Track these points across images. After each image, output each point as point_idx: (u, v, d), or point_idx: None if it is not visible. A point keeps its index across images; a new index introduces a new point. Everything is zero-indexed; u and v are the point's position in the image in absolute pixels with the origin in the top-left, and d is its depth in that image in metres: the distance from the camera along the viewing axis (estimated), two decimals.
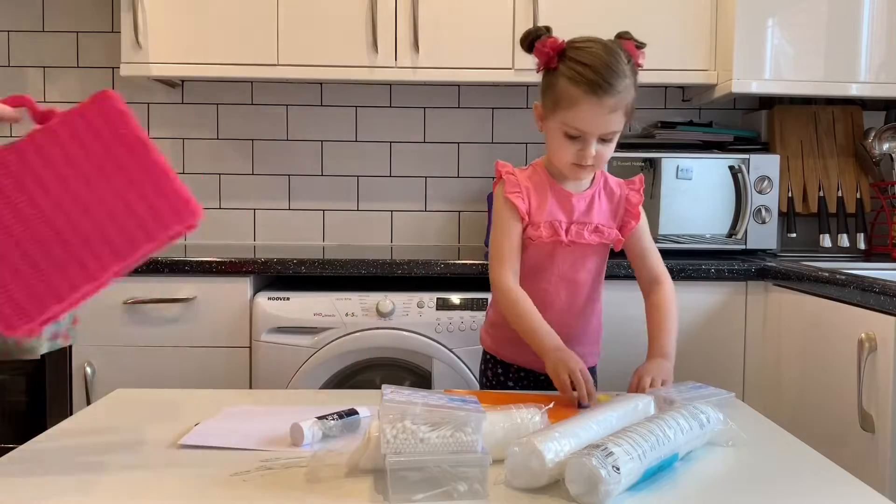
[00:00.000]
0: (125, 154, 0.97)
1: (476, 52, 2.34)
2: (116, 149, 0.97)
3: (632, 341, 2.11)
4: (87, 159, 0.96)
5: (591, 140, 1.36)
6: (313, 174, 2.70)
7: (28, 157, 0.95)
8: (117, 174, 0.96)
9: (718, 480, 0.98)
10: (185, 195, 0.98)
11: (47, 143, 0.96)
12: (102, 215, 0.95)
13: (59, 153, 0.96)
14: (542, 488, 0.90)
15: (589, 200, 1.47)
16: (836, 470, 1.02)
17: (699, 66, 2.37)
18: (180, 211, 0.97)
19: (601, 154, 1.38)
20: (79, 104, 1.01)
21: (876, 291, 1.62)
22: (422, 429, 0.90)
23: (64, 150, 0.96)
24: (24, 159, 0.95)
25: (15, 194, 0.94)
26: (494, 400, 1.13)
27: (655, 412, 1.11)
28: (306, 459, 1.00)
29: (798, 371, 1.95)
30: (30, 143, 0.97)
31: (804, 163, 2.59)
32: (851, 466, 1.04)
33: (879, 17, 2.32)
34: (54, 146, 0.96)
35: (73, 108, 1.00)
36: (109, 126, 0.97)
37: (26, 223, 0.93)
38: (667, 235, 2.31)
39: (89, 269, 0.94)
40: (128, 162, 0.97)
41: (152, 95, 2.66)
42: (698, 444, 1.05)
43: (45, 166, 0.95)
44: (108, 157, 0.96)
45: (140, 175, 0.97)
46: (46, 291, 0.93)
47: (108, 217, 0.95)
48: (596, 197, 1.48)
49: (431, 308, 2.01)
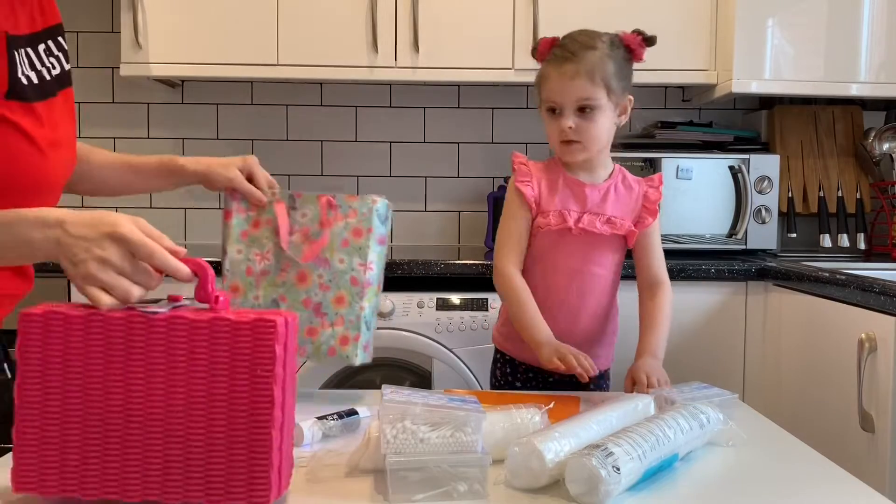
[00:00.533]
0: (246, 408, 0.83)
1: (476, 52, 2.35)
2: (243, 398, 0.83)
3: (633, 343, 2.11)
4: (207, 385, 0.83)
5: (566, 112, 1.41)
6: (313, 174, 2.70)
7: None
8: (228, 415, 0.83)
9: (718, 480, 0.98)
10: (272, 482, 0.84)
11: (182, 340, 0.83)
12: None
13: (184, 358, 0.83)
14: (542, 488, 0.90)
15: (604, 192, 1.47)
16: (836, 470, 1.01)
17: (699, 66, 2.37)
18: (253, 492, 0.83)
19: (582, 128, 1.41)
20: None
21: (876, 291, 1.62)
22: (422, 429, 0.90)
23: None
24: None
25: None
26: (495, 400, 1.13)
27: (655, 412, 1.10)
28: (306, 459, 1.00)
29: (798, 371, 1.95)
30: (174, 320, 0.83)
31: (804, 163, 2.59)
32: (851, 466, 1.04)
33: (879, 17, 2.32)
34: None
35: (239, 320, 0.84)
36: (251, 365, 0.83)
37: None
38: (667, 235, 2.31)
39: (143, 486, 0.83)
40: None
41: (152, 95, 2.66)
42: (698, 445, 1.05)
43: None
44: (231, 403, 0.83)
45: (247, 432, 0.83)
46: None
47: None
48: (611, 189, 1.48)
49: (431, 308, 2.01)
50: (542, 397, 1.18)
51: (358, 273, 1.28)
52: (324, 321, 1.28)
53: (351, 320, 1.27)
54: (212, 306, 0.84)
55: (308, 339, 1.28)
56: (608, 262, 1.49)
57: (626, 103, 1.45)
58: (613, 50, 1.42)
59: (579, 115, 1.40)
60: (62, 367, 0.82)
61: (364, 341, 1.30)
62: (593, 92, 1.39)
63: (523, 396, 1.28)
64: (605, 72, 1.39)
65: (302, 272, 1.29)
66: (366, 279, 1.28)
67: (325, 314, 1.28)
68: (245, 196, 1.34)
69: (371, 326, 1.33)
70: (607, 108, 1.41)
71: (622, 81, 1.42)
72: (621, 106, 1.44)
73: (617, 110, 1.44)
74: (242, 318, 0.83)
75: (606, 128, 1.43)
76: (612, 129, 1.45)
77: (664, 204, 2.29)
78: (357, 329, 1.27)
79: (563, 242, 1.46)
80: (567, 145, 1.43)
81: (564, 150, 1.44)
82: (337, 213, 1.29)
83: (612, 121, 1.44)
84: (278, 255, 1.29)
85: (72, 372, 0.82)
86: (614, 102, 1.42)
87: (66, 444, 0.82)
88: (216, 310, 0.84)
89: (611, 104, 1.41)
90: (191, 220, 2.70)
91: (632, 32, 1.46)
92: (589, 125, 1.41)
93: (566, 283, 1.47)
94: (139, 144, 2.67)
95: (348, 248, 1.28)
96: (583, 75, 1.38)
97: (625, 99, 1.44)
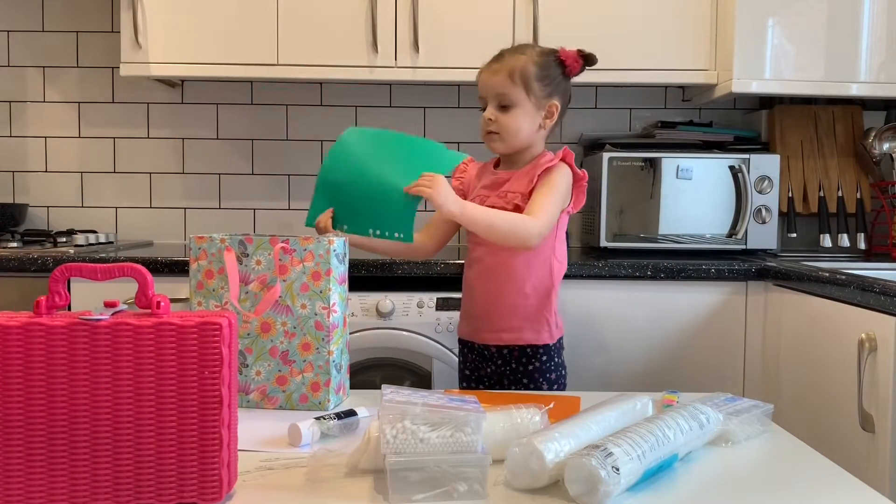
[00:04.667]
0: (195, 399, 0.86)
1: (476, 52, 2.31)
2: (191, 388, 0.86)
3: (633, 342, 2.12)
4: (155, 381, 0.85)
5: (489, 106, 1.61)
6: (313, 174, 2.69)
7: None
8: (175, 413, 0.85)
9: (718, 481, 0.98)
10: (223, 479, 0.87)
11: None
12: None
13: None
14: (542, 488, 0.90)
15: (513, 175, 1.63)
16: (836, 470, 1.01)
17: (699, 66, 2.36)
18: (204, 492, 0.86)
19: (500, 121, 1.60)
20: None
21: (876, 291, 1.62)
22: (422, 429, 0.90)
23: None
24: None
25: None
26: (495, 400, 1.13)
27: (654, 412, 1.10)
28: (306, 459, 1.00)
29: (798, 371, 1.95)
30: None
31: (804, 163, 2.59)
32: (851, 466, 1.04)
33: (879, 17, 2.32)
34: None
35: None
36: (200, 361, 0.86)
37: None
38: (667, 235, 2.31)
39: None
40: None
41: (152, 95, 2.66)
42: (698, 445, 1.05)
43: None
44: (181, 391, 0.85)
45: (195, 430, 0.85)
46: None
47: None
48: (520, 173, 1.62)
49: (431, 308, 2.01)
50: (542, 397, 1.18)
51: (322, 317, 1.27)
52: (292, 369, 1.28)
53: (320, 366, 1.27)
54: (153, 311, 0.86)
55: (278, 388, 1.28)
56: None
57: (552, 108, 1.61)
58: (542, 57, 1.61)
59: (499, 110, 1.59)
60: (1, 379, 0.83)
61: (336, 384, 1.30)
62: (511, 89, 1.58)
63: (523, 396, 1.28)
64: (525, 73, 1.57)
65: (265, 322, 1.27)
66: (330, 323, 1.27)
67: (293, 361, 1.28)
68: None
69: (342, 367, 1.33)
70: (526, 106, 1.58)
71: (546, 86, 1.59)
72: (546, 109, 1.60)
73: (541, 112, 1.60)
74: (188, 322, 0.85)
75: (524, 124, 1.60)
76: (533, 127, 1.61)
77: (664, 204, 2.31)
78: (327, 374, 1.27)
79: None
80: (488, 136, 1.62)
81: (487, 141, 1.63)
82: (292, 257, 1.27)
83: (532, 119, 1.60)
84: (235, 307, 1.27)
85: (12, 382, 0.83)
86: (535, 103, 1.59)
87: (8, 454, 0.83)
88: (158, 314, 0.86)
89: (531, 103, 1.59)
90: (191, 220, 2.70)
91: (574, 50, 1.62)
92: (506, 119, 1.59)
93: (481, 255, 1.66)
94: (139, 144, 2.68)
95: (309, 292, 1.27)
96: (503, 73, 1.59)
97: (549, 103, 1.60)
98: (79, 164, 2.67)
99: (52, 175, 2.67)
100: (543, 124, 1.62)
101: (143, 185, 2.69)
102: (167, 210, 2.69)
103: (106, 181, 2.68)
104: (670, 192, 2.30)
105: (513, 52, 1.62)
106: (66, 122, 2.67)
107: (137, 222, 2.69)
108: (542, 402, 1.07)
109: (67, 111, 2.66)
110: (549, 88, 1.60)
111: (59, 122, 2.66)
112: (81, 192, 2.68)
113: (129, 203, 2.69)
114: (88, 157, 2.67)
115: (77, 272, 0.88)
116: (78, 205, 2.68)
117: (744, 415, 1.14)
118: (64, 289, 0.86)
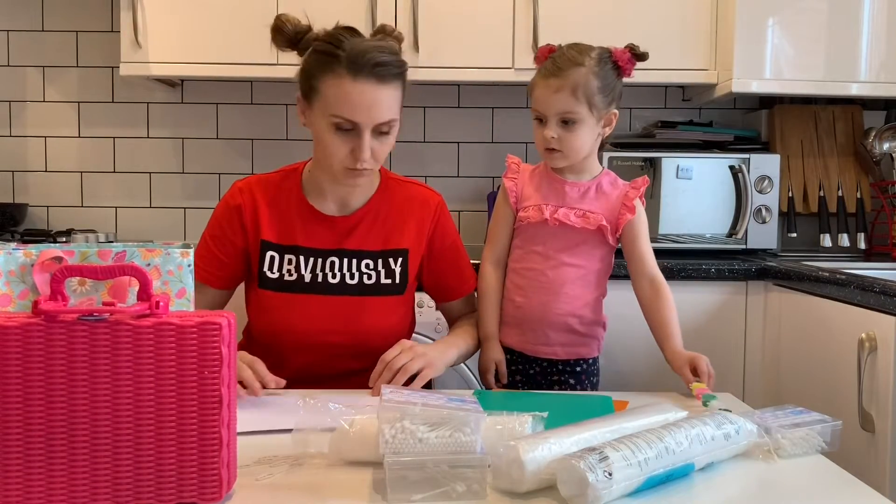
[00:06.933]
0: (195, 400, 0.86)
1: (476, 51, 2.34)
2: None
3: (633, 342, 2.11)
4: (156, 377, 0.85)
5: (549, 122, 1.49)
6: None
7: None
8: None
9: (735, 493, 0.96)
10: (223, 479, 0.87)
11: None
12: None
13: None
14: (538, 489, 0.90)
15: (584, 190, 1.55)
16: (835, 470, 1.01)
17: (699, 66, 2.36)
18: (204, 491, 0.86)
19: (564, 138, 1.49)
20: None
21: (876, 291, 1.62)
22: (421, 429, 0.90)
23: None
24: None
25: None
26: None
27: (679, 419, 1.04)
28: (293, 449, 1.00)
29: (798, 371, 1.95)
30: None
31: (804, 162, 2.59)
32: (851, 466, 1.04)
33: (879, 17, 2.32)
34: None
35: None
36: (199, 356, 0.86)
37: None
38: (667, 235, 2.31)
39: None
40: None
41: (151, 95, 2.66)
42: (723, 456, 1.00)
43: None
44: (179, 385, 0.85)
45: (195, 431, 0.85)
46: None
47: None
48: (592, 188, 1.55)
49: (431, 308, 2.00)
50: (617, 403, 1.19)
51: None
52: None
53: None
54: (152, 311, 0.86)
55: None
56: (586, 256, 1.55)
57: (610, 116, 1.52)
58: (600, 66, 1.49)
59: (562, 126, 1.48)
60: (0, 379, 0.83)
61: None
62: (575, 106, 1.47)
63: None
64: (588, 88, 1.46)
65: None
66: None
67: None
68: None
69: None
70: (589, 121, 1.48)
71: (607, 97, 1.49)
72: (605, 119, 1.51)
73: (601, 123, 1.51)
74: (187, 322, 0.85)
75: (588, 139, 1.50)
76: (594, 139, 1.53)
77: (664, 204, 2.31)
78: None
79: (541, 234, 1.54)
80: (549, 153, 1.52)
81: (547, 157, 1.54)
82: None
83: (594, 132, 1.51)
84: None
85: (11, 382, 0.83)
86: (597, 116, 1.49)
87: (7, 455, 0.83)
88: (157, 314, 0.86)
89: (593, 118, 1.49)
90: (190, 220, 2.70)
91: (624, 48, 1.52)
92: (570, 136, 1.49)
93: (542, 268, 1.55)
94: (139, 144, 2.67)
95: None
96: (566, 90, 1.46)
97: (609, 112, 1.51)
98: (78, 163, 2.67)
99: (52, 175, 2.67)
100: (602, 132, 1.54)
101: (143, 184, 2.69)
102: (167, 210, 2.69)
103: (106, 181, 2.68)
104: (670, 192, 2.30)
105: (570, 64, 1.48)
106: (66, 121, 2.66)
107: (137, 222, 2.69)
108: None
109: (67, 111, 2.66)
110: (609, 98, 1.50)
111: (58, 122, 2.66)
112: (81, 192, 2.68)
113: (129, 203, 2.69)
114: (88, 157, 2.67)
115: (77, 272, 0.88)
116: (77, 204, 2.68)
117: (803, 428, 1.07)
118: (64, 289, 0.86)
